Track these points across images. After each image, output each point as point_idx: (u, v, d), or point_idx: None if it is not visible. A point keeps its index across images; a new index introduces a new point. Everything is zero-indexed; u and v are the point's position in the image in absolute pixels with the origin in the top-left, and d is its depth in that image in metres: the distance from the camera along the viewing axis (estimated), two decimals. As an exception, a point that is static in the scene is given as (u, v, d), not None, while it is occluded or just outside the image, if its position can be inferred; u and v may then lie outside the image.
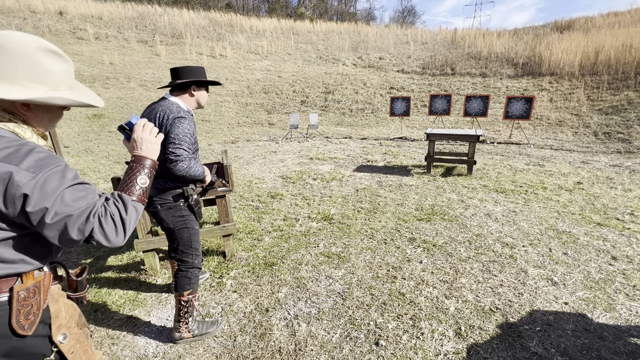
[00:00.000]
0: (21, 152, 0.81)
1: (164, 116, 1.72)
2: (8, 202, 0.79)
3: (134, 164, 1.05)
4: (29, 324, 0.90)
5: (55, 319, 0.99)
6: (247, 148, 8.04)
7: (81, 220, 0.85)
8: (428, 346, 1.95)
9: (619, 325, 2.09)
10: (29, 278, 0.91)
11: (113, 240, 0.91)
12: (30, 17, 15.33)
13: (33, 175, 0.80)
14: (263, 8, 36.68)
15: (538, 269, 2.70)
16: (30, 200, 0.79)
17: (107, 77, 12.15)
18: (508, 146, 7.73)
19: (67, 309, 1.05)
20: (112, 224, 0.90)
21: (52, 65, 0.90)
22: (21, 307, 0.89)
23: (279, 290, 2.50)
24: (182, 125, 1.70)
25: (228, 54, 16.00)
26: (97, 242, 0.89)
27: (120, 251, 3.15)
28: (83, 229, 0.85)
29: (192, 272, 1.95)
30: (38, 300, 0.93)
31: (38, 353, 0.96)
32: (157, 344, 2.01)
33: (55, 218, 0.82)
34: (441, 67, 13.76)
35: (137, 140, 1.09)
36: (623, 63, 10.33)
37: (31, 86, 0.87)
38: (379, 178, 5.36)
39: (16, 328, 0.88)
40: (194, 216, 1.96)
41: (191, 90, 1.83)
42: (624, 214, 3.73)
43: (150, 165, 1.07)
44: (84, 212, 0.85)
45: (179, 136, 1.69)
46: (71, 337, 1.03)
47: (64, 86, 0.93)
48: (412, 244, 3.17)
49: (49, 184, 0.82)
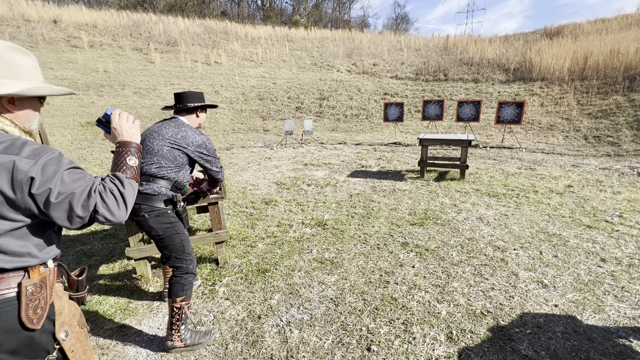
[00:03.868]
0: (17, 144, 0.88)
1: (187, 136, 2.01)
2: (16, 188, 0.85)
3: (121, 149, 1.12)
4: (37, 318, 0.94)
5: (59, 315, 1.02)
6: (242, 154, 8.05)
7: (84, 197, 0.92)
8: (420, 351, 1.96)
9: (607, 326, 2.11)
10: (36, 273, 0.96)
11: (116, 214, 0.98)
12: (24, 25, 15.33)
13: (34, 161, 0.87)
14: (258, 16, 37.01)
15: (529, 272, 2.73)
16: (35, 182, 0.86)
17: (101, 84, 12.14)
18: (500, 150, 7.83)
19: (70, 307, 1.09)
20: (112, 199, 0.97)
21: (23, 62, 0.97)
22: (29, 301, 0.92)
23: (271, 297, 2.49)
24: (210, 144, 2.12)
25: (223, 61, 16.09)
26: (103, 217, 0.96)
27: (112, 260, 3.13)
28: (87, 204, 0.93)
29: (186, 278, 1.95)
30: (45, 295, 0.97)
31: (42, 349, 0.98)
32: (147, 353, 1.99)
33: (60, 197, 0.89)
34: (434, 73, 13.95)
35: (117, 129, 1.16)
36: (611, 68, 10.55)
37: (11, 82, 0.94)
38: (372, 183, 5.39)
39: (26, 322, 0.91)
40: (182, 222, 1.98)
41: (197, 113, 2.12)
42: (612, 216, 3.78)
43: (135, 147, 1.14)
44: (84, 190, 0.93)
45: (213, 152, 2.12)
46: (72, 335, 1.06)
47: (37, 80, 1.00)
48: (404, 248, 3.18)
49: (48, 167, 0.89)
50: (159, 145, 1.91)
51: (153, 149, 1.90)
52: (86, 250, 3.35)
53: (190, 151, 1.99)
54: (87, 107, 10.65)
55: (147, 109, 11.18)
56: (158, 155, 1.90)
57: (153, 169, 1.89)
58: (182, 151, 1.96)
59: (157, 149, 1.90)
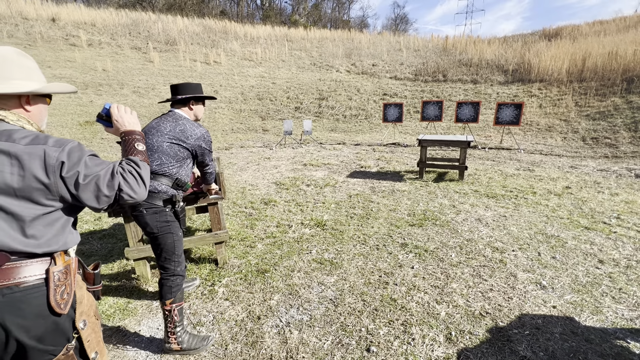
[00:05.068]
0: (40, 137, 0.98)
1: (188, 129, 1.98)
2: (49, 172, 0.95)
3: (127, 137, 1.21)
4: (64, 304, 1.00)
5: (79, 304, 1.07)
6: (241, 154, 8.04)
7: (108, 177, 1.03)
8: (419, 351, 1.97)
9: (605, 328, 2.13)
10: (61, 260, 1.02)
11: (138, 191, 1.08)
12: (22, 23, 15.25)
13: (61, 148, 0.97)
14: (257, 15, 36.99)
15: (527, 273, 2.74)
16: (65, 166, 0.97)
17: (100, 83, 12.10)
18: (499, 151, 7.85)
19: (88, 298, 1.14)
20: (133, 178, 1.08)
21: (30, 64, 1.07)
22: (57, 287, 0.99)
23: (271, 298, 2.50)
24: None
25: (222, 61, 16.07)
26: (127, 194, 1.06)
27: (111, 259, 3.12)
28: (112, 184, 1.03)
29: (173, 281, 1.92)
30: (70, 282, 1.04)
31: (64, 336, 1.03)
32: (147, 354, 1.99)
33: (87, 179, 1.00)
34: (433, 74, 13.98)
35: (119, 120, 1.24)
36: (609, 70, 10.60)
37: (27, 83, 1.04)
38: (372, 184, 5.40)
39: (54, 306, 0.97)
40: (179, 223, 1.96)
41: (190, 105, 2.04)
42: (610, 218, 3.80)
43: (139, 135, 1.24)
44: (107, 172, 1.04)
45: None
46: (89, 325, 1.10)
47: (43, 81, 1.10)
48: (404, 249, 3.19)
49: (73, 153, 1.00)
50: (159, 141, 1.87)
51: (153, 145, 1.87)
52: (85, 250, 3.34)
53: (190, 145, 1.95)
54: (85, 106, 10.62)
55: (145, 108, 11.15)
56: (158, 152, 1.86)
57: (154, 166, 1.85)
58: (181, 146, 1.92)
59: (157, 145, 1.87)
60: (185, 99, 2.01)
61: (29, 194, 0.94)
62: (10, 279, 0.93)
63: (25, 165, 0.92)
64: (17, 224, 0.94)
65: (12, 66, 1.01)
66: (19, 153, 0.92)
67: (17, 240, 0.94)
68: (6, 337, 0.92)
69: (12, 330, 0.92)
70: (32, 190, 0.94)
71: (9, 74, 1.00)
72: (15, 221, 0.94)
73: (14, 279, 0.93)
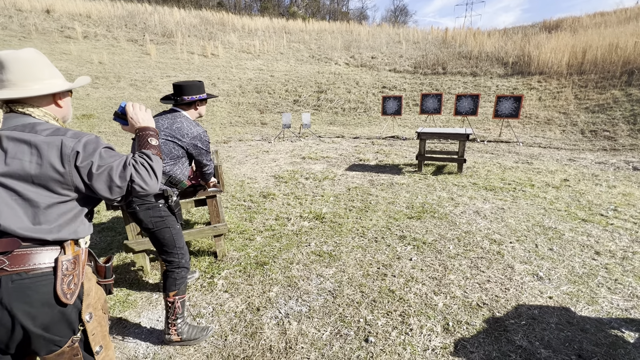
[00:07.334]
0: (61, 130, 1.04)
1: (188, 128, 1.99)
2: (65, 161, 0.99)
3: (141, 133, 1.26)
4: (71, 294, 1.01)
5: (87, 296, 1.08)
6: (240, 148, 8.01)
7: (120, 169, 1.06)
8: (417, 341, 1.99)
9: (600, 317, 2.15)
10: (70, 250, 1.04)
11: (150, 183, 1.11)
12: (16, 15, 15.02)
13: (77, 139, 1.02)
14: (255, 7, 36.50)
15: (524, 265, 2.76)
16: (80, 156, 1.01)
17: (96, 76, 11.97)
18: (498, 144, 7.85)
19: (97, 291, 1.14)
20: (145, 170, 1.10)
21: (49, 62, 1.11)
22: (64, 276, 1.00)
23: (270, 290, 2.51)
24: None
25: (220, 53, 15.90)
26: (139, 186, 1.08)
27: (110, 252, 3.13)
28: (124, 175, 1.06)
29: (178, 273, 1.95)
30: (78, 272, 1.05)
31: (70, 328, 1.03)
32: (147, 345, 2.01)
33: (100, 169, 1.03)
34: (433, 67, 13.88)
35: (134, 117, 1.29)
36: (609, 62, 10.55)
37: (57, 81, 1.11)
38: (370, 177, 5.40)
39: (60, 295, 0.98)
40: (174, 217, 1.97)
41: (196, 105, 2.10)
42: (607, 210, 3.83)
43: (153, 131, 1.28)
44: (120, 163, 1.07)
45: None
46: (95, 318, 1.11)
47: (62, 76, 1.16)
48: (402, 241, 3.21)
49: (89, 145, 1.04)
50: None
51: None
52: (84, 243, 3.34)
53: (185, 143, 1.97)
54: (82, 99, 10.52)
55: (143, 101, 11.06)
56: None
57: None
58: (176, 143, 1.95)
59: None
60: (192, 101, 2.04)
61: (45, 182, 0.98)
62: (21, 265, 0.95)
63: (43, 154, 0.97)
64: (32, 210, 0.97)
65: (42, 67, 1.07)
66: (39, 143, 0.97)
67: (29, 226, 0.96)
68: (12, 323, 0.93)
69: (19, 317, 0.93)
70: (49, 178, 0.98)
71: (40, 74, 1.06)
72: (31, 207, 0.97)
73: (24, 266, 0.95)
